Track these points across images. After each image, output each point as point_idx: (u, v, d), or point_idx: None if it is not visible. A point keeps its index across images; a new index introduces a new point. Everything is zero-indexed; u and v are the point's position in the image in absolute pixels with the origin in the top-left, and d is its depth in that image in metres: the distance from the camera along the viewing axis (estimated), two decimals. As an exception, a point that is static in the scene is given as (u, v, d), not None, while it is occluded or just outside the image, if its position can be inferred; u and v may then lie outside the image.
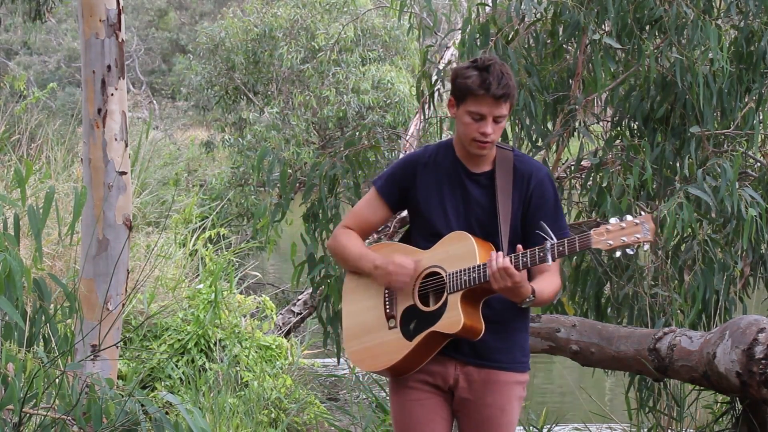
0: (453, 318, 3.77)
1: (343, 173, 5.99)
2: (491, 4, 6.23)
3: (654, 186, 6.02)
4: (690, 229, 5.62)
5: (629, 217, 3.65)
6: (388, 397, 4.87)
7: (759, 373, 4.76)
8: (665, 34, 6.00)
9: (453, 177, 3.90)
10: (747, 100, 6.17)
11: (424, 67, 6.52)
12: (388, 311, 3.92)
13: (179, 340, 7.19)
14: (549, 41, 6.26)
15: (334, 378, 8.77)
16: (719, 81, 5.93)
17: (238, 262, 9.49)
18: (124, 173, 4.82)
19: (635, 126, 6.31)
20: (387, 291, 3.94)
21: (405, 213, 7.05)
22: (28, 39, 28.85)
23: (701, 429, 5.83)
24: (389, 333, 3.90)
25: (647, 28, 6.07)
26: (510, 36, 6.16)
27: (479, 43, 6.03)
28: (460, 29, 6.34)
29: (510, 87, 3.75)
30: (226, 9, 18.86)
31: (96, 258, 4.81)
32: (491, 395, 3.89)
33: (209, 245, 8.84)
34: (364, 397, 7.26)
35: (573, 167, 6.35)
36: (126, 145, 4.84)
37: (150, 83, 31.24)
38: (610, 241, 3.64)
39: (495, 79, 3.73)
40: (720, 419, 5.82)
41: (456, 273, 3.79)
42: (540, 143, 6.16)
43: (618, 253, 3.66)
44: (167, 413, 4.70)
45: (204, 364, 7.11)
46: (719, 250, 5.71)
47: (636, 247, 3.63)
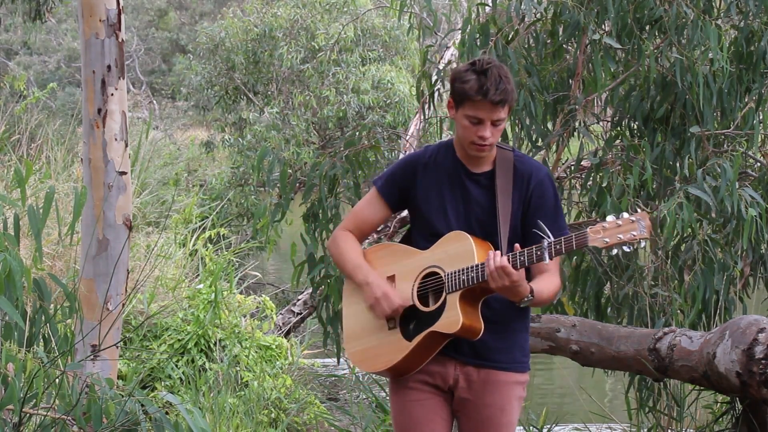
0: (452, 318, 3.77)
1: (343, 173, 5.99)
2: (491, 4, 6.23)
3: (654, 186, 6.01)
4: (690, 229, 5.62)
5: (625, 215, 3.65)
6: (388, 397, 4.87)
7: (759, 373, 4.76)
8: (665, 34, 6.00)
9: (453, 177, 3.90)
10: (747, 100, 6.17)
11: (424, 67, 6.52)
12: (387, 312, 3.92)
13: (179, 340, 7.19)
14: (549, 41, 6.26)
15: (334, 378, 8.77)
16: (719, 81, 5.93)
17: (238, 262, 9.49)
18: (124, 173, 4.82)
19: (635, 126, 6.31)
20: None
21: (405, 213, 7.06)
22: (28, 39, 28.84)
23: (701, 429, 5.83)
24: (389, 333, 3.90)
25: (647, 28, 6.07)
26: (510, 36, 6.16)
27: (479, 43, 6.03)
28: (460, 29, 6.34)
29: (508, 91, 3.75)
30: (226, 9, 18.86)
31: (96, 258, 4.81)
32: (491, 395, 3.89)
33: (209, 245, 8.83)
34: (364, 397, 7.26)
35: (573, 167, 6.35)
36: (126, 145, 4.84)
37: (150, 83, 31.24)
38: (606, 239, 3.64)
39: (493, 84, 3.73)
40: (720, 419, 5.81)
41: (454, 273, 3.79)
42: (540, 143, 6.16)
43: (615, 251, 3.66)
44: (167, 413, 4.70)
45: (204, 364, 7.10)
46: (719, 250, 5.71)
47: (634, 245, 3.63)
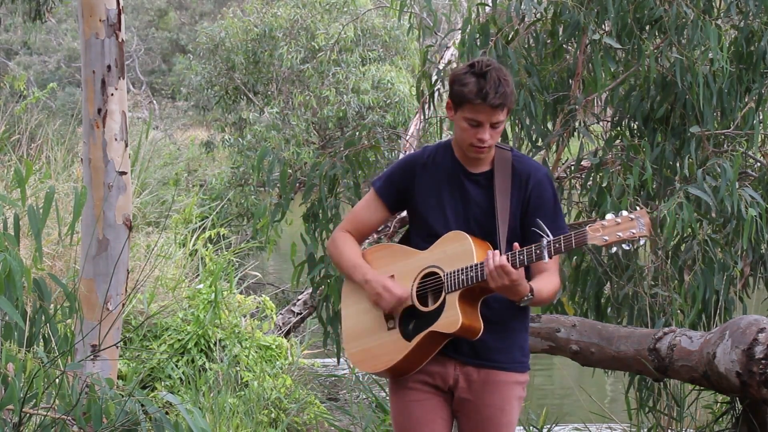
0: (451, 317, 3.77)
1: (343, 173, 5.99)
2: (491, 4, 6.23)
3: (654, 186, 6.01)
4: (690, 229, 5.62)
5: (624, 213, 3.65)
6: (388, 397, 4.87)
7: (759, 373, 4.76)
8: (665, 34, 6.00)
9: (452, 177, 3.90)
10: (747, 100, 6.17)
11: (424, 67, 6.52)
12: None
13: (179, 340, 7.19)
14: (549, 41, 6.26)
15: (334, 378, 8.77)
16: (719, 81, 5.93)
17: (238, 262, 9.49)
18: (124, 173, 4.82)
19: (635, 126, 6.31)
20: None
21: (405, 213, 7.06)
22: (28, 39, 28.84)
23: (701, 429, 5.83)
24: (388, 334, 3.90)
25: (647, 28, 6.07)
26: (510, 36, 6.16)
27: (479, 43, 6.03)
28: (460, 29, 6.34)
29: (507, 94, 3.75)
30: (226, 9, 18.85)
31: (96, 258, 4.81)
32: (491, 395, 3.89)
33: (209, 245, 8.83)
34: (364, 397, 7.26)
35: (573, 167, 6.35)
36: (126, 145, 4.84)
37: (150, 83, 31.24)
38: (606, 237, 3.64)
39: (492, 88, 3.72)
40: (720, 419, 5.81)
41: (453, 272, 3.79)
42: (540, 143, 6.16)
43: (615, 249, 3.66)
44: (167, 413, 4.70)
45: (204, 364, 7.10)
46: (719, 250, 5.71)
47: (633, 243, 3.63)
